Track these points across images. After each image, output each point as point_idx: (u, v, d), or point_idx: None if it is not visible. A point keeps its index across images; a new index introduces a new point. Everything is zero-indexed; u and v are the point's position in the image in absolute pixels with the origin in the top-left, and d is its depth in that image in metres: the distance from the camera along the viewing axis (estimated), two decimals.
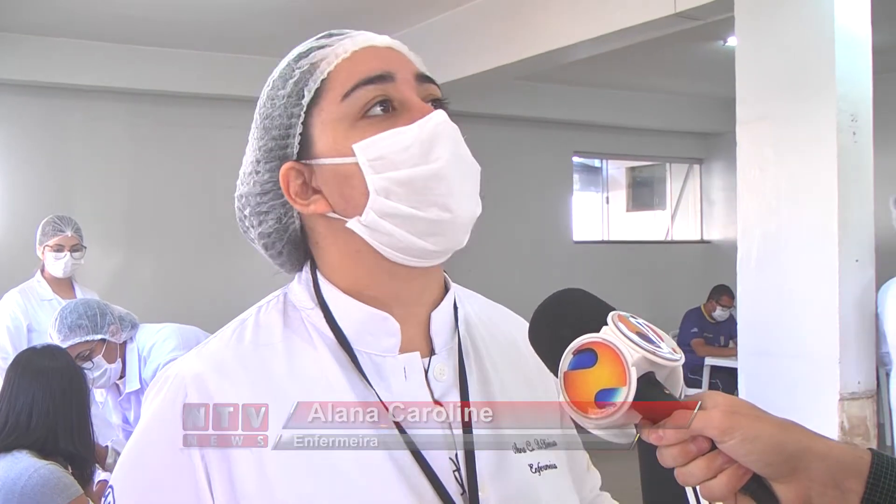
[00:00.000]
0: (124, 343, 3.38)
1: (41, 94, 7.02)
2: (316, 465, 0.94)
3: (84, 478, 2.80)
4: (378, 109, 0.99)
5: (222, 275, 7.72)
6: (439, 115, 0.98)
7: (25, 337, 4.37)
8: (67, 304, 3.41)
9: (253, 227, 1.08)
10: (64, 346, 3.21)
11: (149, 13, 6.23)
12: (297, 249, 1.08)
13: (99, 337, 3.27)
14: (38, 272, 4.61)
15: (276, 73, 1.06)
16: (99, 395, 3.53)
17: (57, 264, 4.49)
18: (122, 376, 3.39)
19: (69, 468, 2.74)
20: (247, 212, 1.08)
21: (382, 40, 1.05)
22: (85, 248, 4.61)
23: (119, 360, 3.36)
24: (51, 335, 3.30)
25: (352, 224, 0.99)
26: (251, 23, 6.51)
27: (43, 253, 4.53)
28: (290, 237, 1.07)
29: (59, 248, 4.49)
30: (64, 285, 4.61)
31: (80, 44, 6.85)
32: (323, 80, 1.00)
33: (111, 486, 0.98)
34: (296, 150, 1.02)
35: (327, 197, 1.00)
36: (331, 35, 1.05)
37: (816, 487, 0.81)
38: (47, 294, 4.55)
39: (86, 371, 3.25)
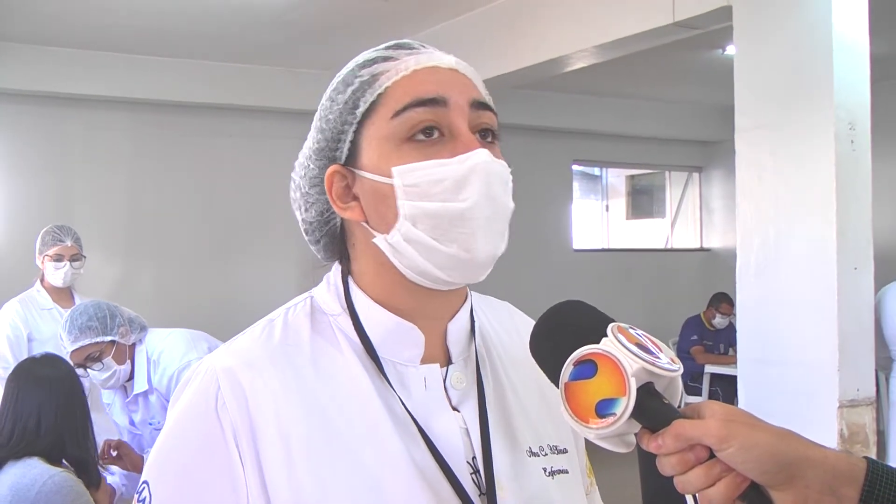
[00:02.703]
0: (133, 345, 3.41)
1: (42, 104, 7.04)
2: (342, 461, 0.96)
3: (91, 482, 2.82)
4: (422, 135, 1.00)
5: (222, 284, 7.72)
6: (480, 155, 0.99)
7: (26, 346, 4.38)
8: (78, 305, 3.42)
9: (299, 209, 1.11)
10: (74, 347, 3.25)
11: (149, 23, 6.25)
12: (333, 243, 1.11)
13: (109, 338, 3.30)
14: (38, 281, 4.62)
15: (340, 75, 1.07)
16: (106, 397, 3.56)
17: (56, 274, 4.50)
18: (130, 378, 3.42)
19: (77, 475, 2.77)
20: (297, 195, 1.11)
21: (448, 61, 1.05)
22: (84, 257, 4.62)
23: (128, 361, 3.38)
24: (61, 336, 3.32)
25: (378, 240, 1.01)
26: (252, 32, 6.53)
27: (42, 262, 4.53)
28: (329, 231, 1.10)
29: (58, 258, 4.49)
30: (63, 295, 4.61)
31: (80, 53, 6.87)
32: (379, 95, 1.01)
33: (146, 482, 0.99)
34: (344, 156, 1.04)
35: (364, 207, 1.03)
36: (399, 47, 1.06)
37: (813, 495, 0.82)
38: (47, 303, 4.55)
39: (95, 372, 3.29)
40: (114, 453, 3.24)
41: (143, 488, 0.99)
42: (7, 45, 6.62)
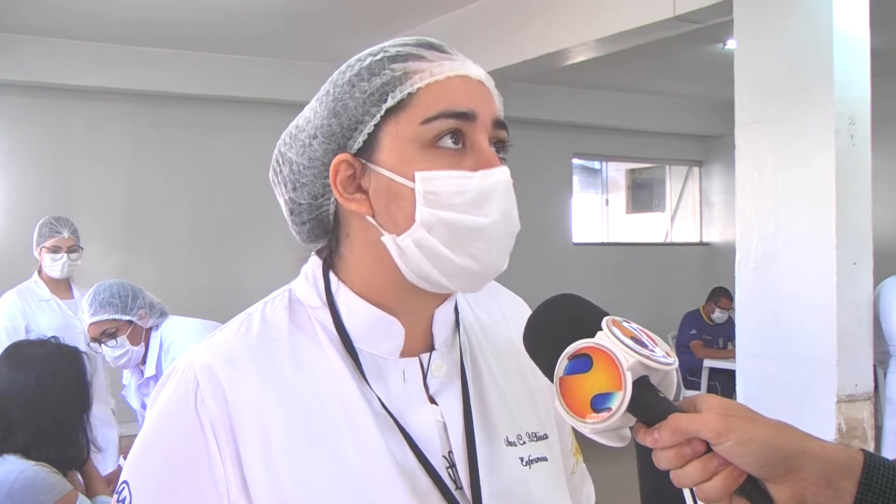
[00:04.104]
0: (150, 329, 3.45)
1: (42, 95, 7.04)
2: (322, 455, 0.96)
3: (76, 467, 2.77)
4: (449, 141, 0.99)
5: (221, 276, 7.72)
6: (502, 173, 1.00)
7: (23, 337, 4.38)
8: (104, 281, 3.48)
9: (284, 186, 1.08)
10: (93, 320, 3.31)
11: (150, 15, 6.24)
12: (321, 227, 1.07)
13: (126, 318, 3.35)
14: (36, 273, 4.62)
15: (365, 60, 1.03)
16: (126, 378, 3.60)
17: (54, 266, 4.50)
18: (143, 361, 3.46)
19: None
20: (284, 170, 1.07)
21: (477, 72, 1.04)
22: (82, 249, 4.61)
23: (142, 344, 3.42)
24: (82, 309, 3.40)
25: (386, 239, 1.00)
26: (252, 25, 6.53)
27: (40, 254, 4.53)
28: (319, 215, 1.06)
29: (55, 250, 4.49)
30: (61, 286, 4.62)
31: (80, 45, 6.86)
32: (410, 94, 0.99)
33: (125, 482, 0.99)
34: (357, 146, 1.01)
35: (372, 202, 1.01)
36: (430, 47, 1.04)
37: (810, 488, 0.82)
38: (45, 294, 4.56)
39: (108, 348, 3.32)
40: None
41: (123, 488, 0.98)
42: (6, 35, 6.62)
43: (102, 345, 3.36)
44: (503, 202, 0.99)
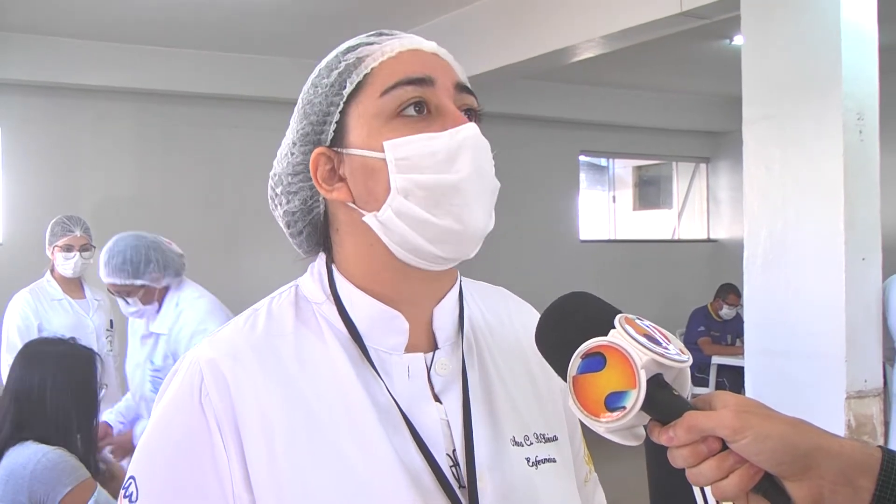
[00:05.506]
0: (166, 287, 3.49)
1: (49, 95, 7.05)
2: (323, 452, 0.96)
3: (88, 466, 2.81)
4: (412, 110, 1.01)
5: (229, 274, 7.72)
6: (470, 128, 1.01)
7: (36, 336, 4.40)
8: (118, 242, 3.46)
9: (280, 205, 1.11)
10: (106, 281, 3.40)
11: (156, 13, 6.25)
12: (316, 231, 1.10)
13: (139, 282, 3.39)
14: (48, 272, 4.64)
15: (323, 63, 1.09)
16: (132, 329, 3.64)
17: (66, 264, 4.51)
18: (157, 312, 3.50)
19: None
20: (278, 190, 1.11)
21: (430, 46, 1.07)
22: (94, 247, 4.63)
23: (156, 302, 3.47)
24: (99, 267, 3.45)
25: (368, 218, 1.01)
26: (258, 23, 6.53)
27: (52, 253, 4.55)
28: (312, 219, 1.09)
29: (68, 248, 4.51)
30: (74, 285, 4.63)
31: (87, 44, 6.87)
32: (366, 75, 1.03)
33: (132, 477, 1.00)
34: (330, 137, 1.04)
35: (351, 187, 1.03)
36: (381, 34, 1.07)
37: (828, 485, 0.81)
38: (57, 294, 4.57)
39: (123, 304, 3.42)
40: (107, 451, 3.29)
41: (130, 483, 0.99)
42: (13, 35, 6.63)
43: (118, 299, 3.43)
44: (474, 156, 1.00)
